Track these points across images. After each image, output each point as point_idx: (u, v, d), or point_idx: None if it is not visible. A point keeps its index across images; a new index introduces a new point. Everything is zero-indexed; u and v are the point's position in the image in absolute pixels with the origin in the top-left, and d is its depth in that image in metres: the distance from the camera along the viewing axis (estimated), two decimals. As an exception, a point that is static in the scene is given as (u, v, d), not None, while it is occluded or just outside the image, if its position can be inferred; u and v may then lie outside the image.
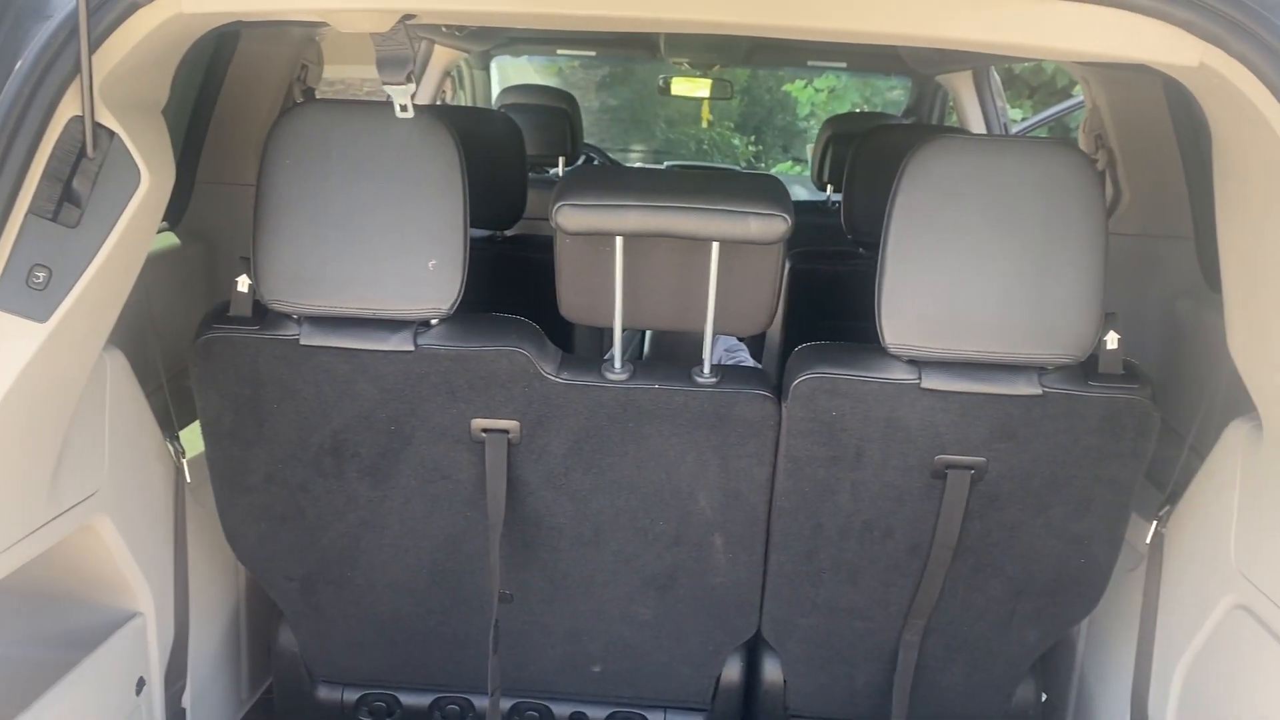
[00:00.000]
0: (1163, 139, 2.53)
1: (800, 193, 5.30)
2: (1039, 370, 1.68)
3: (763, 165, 9.69)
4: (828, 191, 4.01)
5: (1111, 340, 1.66)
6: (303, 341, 1.74)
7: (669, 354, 3.60)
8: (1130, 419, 1.67)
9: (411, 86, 1.58)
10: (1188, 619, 1.85)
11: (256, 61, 2.54)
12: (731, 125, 10.29)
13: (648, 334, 4.36)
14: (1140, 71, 1.56)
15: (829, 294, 2.83)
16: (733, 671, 2.12)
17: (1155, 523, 1.93)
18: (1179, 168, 2.51)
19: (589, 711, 2.20)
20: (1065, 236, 1.61)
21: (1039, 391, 1.67)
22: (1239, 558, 1.71)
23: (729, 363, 3.38)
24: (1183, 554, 1.89)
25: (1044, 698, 2.15)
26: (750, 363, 3.44)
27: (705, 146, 9.86)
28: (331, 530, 1.93)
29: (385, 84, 1.56)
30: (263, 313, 1.76)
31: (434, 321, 1.74)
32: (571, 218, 1.66)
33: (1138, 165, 2.65)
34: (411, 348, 1.73)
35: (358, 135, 1.68)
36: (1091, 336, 1.64)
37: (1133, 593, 2.03)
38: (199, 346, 1.75)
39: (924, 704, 2.07)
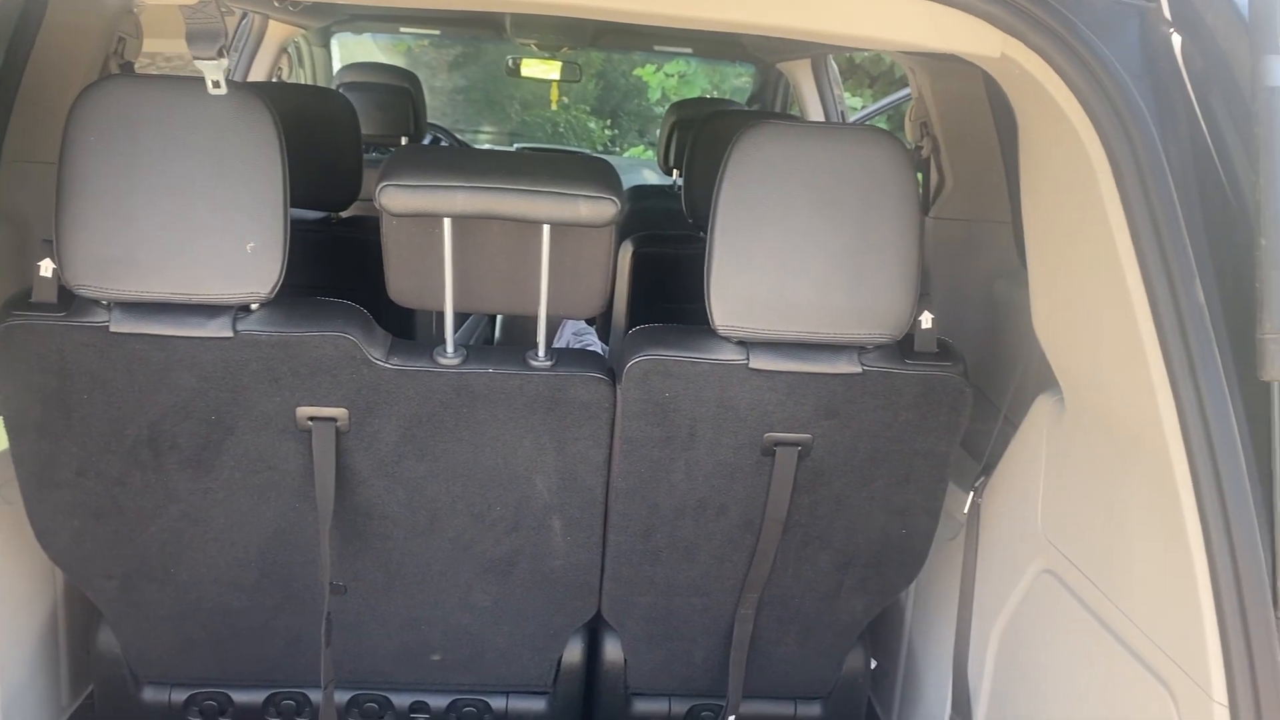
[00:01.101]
0: (983, 128, 2.65)
1: (650, 177, 5.35)
2: (859, 349, 1.74)
3: (618, 149, 9.73)
4: (674, 176, 4.06)
5: (926, 320, 1.73)
6: (113, 328, 1.65)
7: (521, 339, 3.58)
8: (944, 394, 1.75)
9: (224, 62, 1.52)
10: (1002, 584, 1.95)
11: (66, 33, 2.39)
12: (588, 109, 10.29)
13: (499, 319, 4.33)
14: (959, 62, 1.63)
15: (671, 277, 2.87)
16: (574, 653, 2.13)
17: (972, 493, 2.03)
18: (998, 156, 2.64)
19: (430, 700, 2.17)
20: (881, 221, 1.67)
21: (859, 370, 1.73)
22: (1045, 524, 1.81)
23: (577, 346, 3.39)
24: (997, 522, 2.00)
25: (874, 665, 2.24)
26: (598, 346, 3.46)
27: (561, 130, 9.83)
28: (151, 525, 1.85)
29: (196, 59, 1.49)
30: (69, 299, 1.66)
31: (254, 306, 1.69)
32: (396, 199, 1.63)
33: (960, 153, 2.77)
34: (230, 334, 1.66)
35: (168, 111, 1.60)
36: (907, 316, 1.70)
37: (954, 561, 2.13)
38: (0, 334, 1.65)
39: (759, 675, 2.12)
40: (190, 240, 1.62)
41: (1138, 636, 1.52)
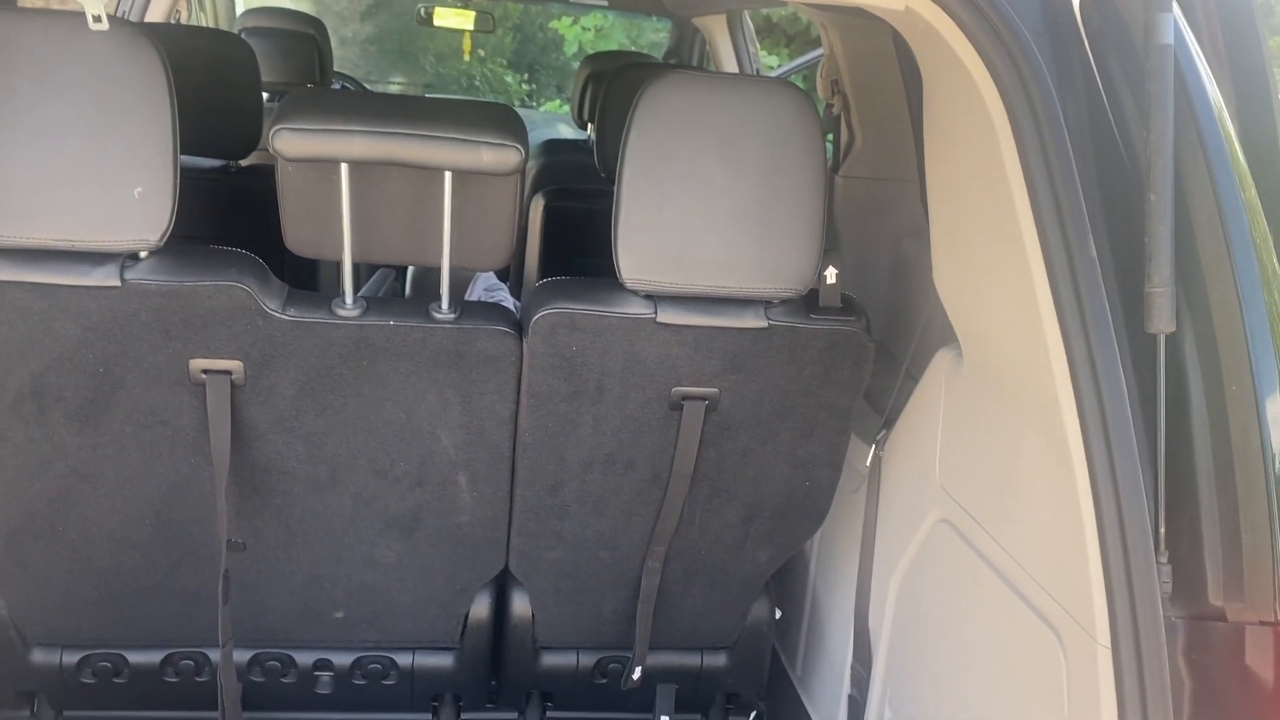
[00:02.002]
0: (892, 86, 2.67)
1: (565, 131, 5.29)
2: (765, 304, 1.75)
3: (535, 104, 9.60)
4: (588, 130, 4.01)
5: (830, 275, 1.74)
6: None
7: (434, 293, 3.51)
8: (848, 349, 1.77)
9: None
10: (901, 534, 2.00)
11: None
12: (504, 62, 10.12)
13: (409, 276, 4.25)
14: (869, 18, 1.63)
15: (582, 231, 2.84)
16: (481, 609, 2.12)
17: (874, 446, 2.07)
18: (906, 114, 2.66)
19: (333, 658, 2.15)
20: (788, 173, 1.67)
21: (765, 325, 1.74)
22: (942, 476, 1.85)
23: (488, 300, 3.35)
24: (897, 474, 2.04)
25: (778, 614, 2.28)
26: (510, 303, 3.42)
27: (477, 83, 9.66)
28: (38, 482, 1.78)
29: None
30: None
31: (143, 254, 1.62)
32: (291, 142, 1.58)
33: (869, 111, 2.79)
34: (118, 283, 1.60)
35: (45, 47, 1.52)
36: (812, 271, 1.71)
37: (856, 512, 2.17)
38: None
39: (666, 627, 2.14)
40: (72, 184, 1.54)
41: (1028, 583, 1.57)
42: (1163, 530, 1.34)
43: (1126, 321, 1.37)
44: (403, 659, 2.16)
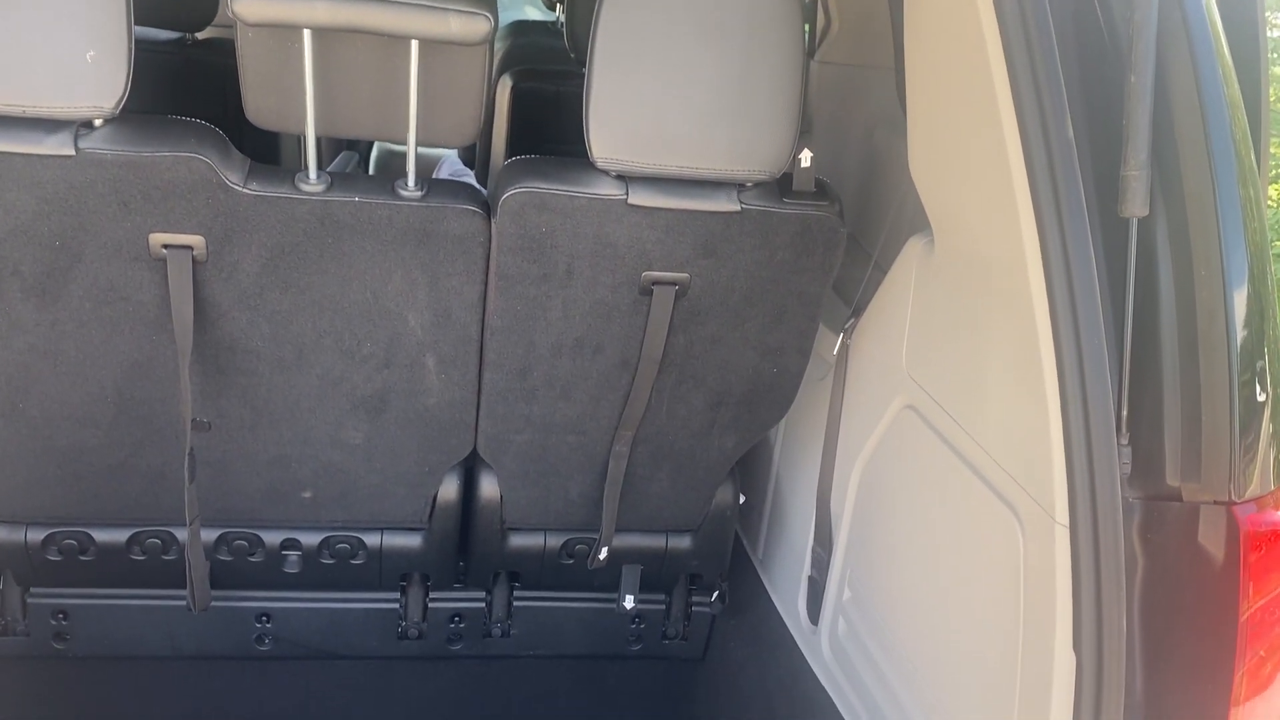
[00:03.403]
0: (870, -32, 2.60)
1: (532, 13, 5.13)
2: (738, 187, 1.73)
3: (500, -13, 9.28)
4: (557, 11, 3.90)
5: (805, 158, 1.72)
6: None
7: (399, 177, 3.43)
8: (820, 234, 1.76)
9: None
10: (866, 421, 2.02)
11: None
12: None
13: (373, 155, 4.16)
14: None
15: (551, 114, 2.78)
16: (449, 490, 2.13)
17: (842, 334, 2.08)
18: (884, -1, 2.60)
19: (301, 538, 2.16)
20: (765, 52, 1.63)
21: (738, 208, 1.72)
22: (909, 362, 1.87)
23: None
24: (864, 362, 2.05)
25: (742, 499, 2.31)
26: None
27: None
28: None
29: None
30: None
31: (97, 122, 1.56)
32: (250, 6, 1.51)
33: (847, -6, 2.73)
34: (72, 151, 1.54)
35: None
36: (787, 154, 1.69)
37: (821, 399, 2.19)
38: None
39: (632, 510, 2.17)
40: (23, 48, 1.48)
41: (990, 466, 1.60)
42: (1124, 413, 1.36)
43: (1100, 205, 1.37)
44: (371, 539, 2.18)
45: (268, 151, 2.63)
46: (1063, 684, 1.41)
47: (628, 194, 1.69)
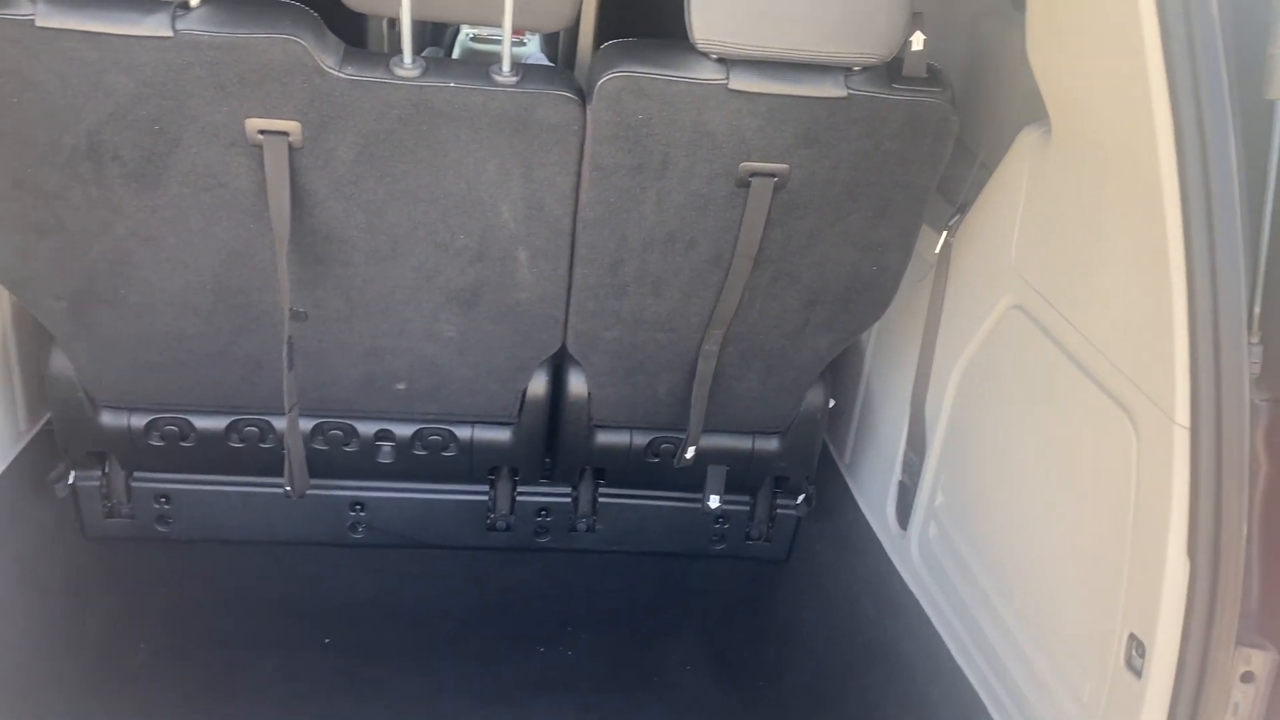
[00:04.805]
0: None
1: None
2: (845, 71, 1.65)
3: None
4: None
5: (917, 41, 1.64)
6: (39, 23, 1.51)
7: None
8: (930, 122, 1.68)
9: None
10: (969, 321, 1.96)
11: None
12: None
13: (456, 48, 4.11)
14: None
15: (642, 2, 2.70)
16: (539, 386, 2.14)
17: (945, 233, 2.00)
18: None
19: (394, 429, 2.18)
20: None
21: (844, 94, 1.65)
22: (1019, 259, 1.80)
23: None
24: (969, 260, 1.98)
25: (832, 403, 2.28)
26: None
27: None
28: (98, 243, 1.77)
29: None
30: None
31: (194, 3, 1.55)
32: None
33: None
34: (170, 33, 1.53)
35: None
36: (898, 36, 1.61)
37: (919, 302, 2.13)
38: None
39: (720, 410, 2.15)
40: None
41: (1103, 365, 1.53)
42: (1257, 310, 1.28)
43: (1241, 87, 1.28)
44: (462, 432, 2.19)
45: (355, 38, 2.60)
46: (1174, 591, 1.37)
47: (729, 78, 1.63)
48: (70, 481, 2.24)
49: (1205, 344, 1.30)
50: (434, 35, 4.04)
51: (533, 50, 4.27)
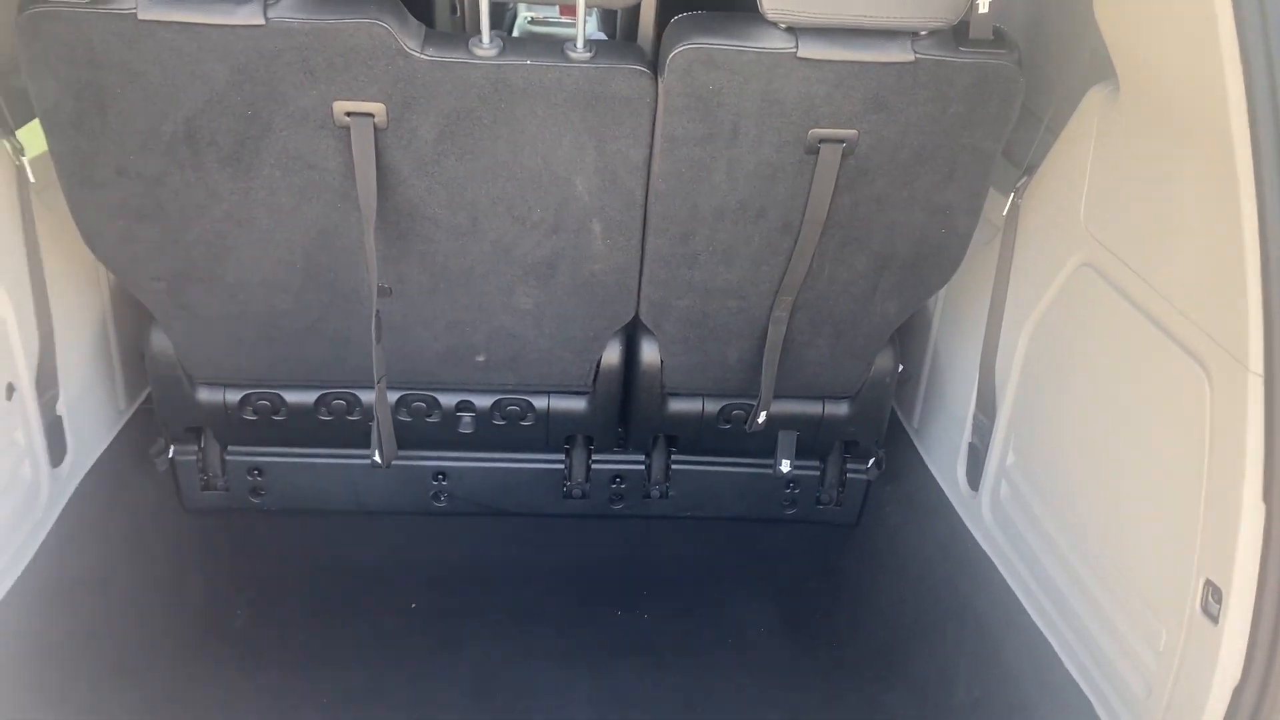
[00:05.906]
0: None
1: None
2: (912, 36, 1.68)
3: None
4: None
5: (983, 3, 1.66)
6: (141, 16, 1.60)
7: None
8: (997, 84, 1.71)
9: None
10: (1038, 282, 1.98)
11: None
12: None
13: (515, 30, 4.17)
14: None
15: None
16: (612, 355, 2.20)
17: (1012, 195, 2.02)
18: None
19: (475, 400, 2.26)
20: None
21: (912, 58, 1.68)
22: (1088, 218, 1.81)
23: None
24: (1036, 221, 2.00)
25: (900, 368, 2.31)
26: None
27: None
28: (195, 226, 1.86)
29: None
30: None
31: None
32: None
33: None
34: (262, 20, 1.61)
35: None
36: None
37: (986, 265, 2.15)
38: (24, 23, 1.59)
39: (790, 376, 2.19)
40: None
41: (1175, 318, 1.55)
42: (1331, 257, 1.30)
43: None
44: (539, 402, 2.26)
45: (422, 18, 2.67)
46: (1250, 537, 1.39)
47: (798, 46, 1.67)
48: (170, 456, 2.35)
49: (1278, 292, 1.32)
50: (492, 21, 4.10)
51: (590, 30, 4.32)
